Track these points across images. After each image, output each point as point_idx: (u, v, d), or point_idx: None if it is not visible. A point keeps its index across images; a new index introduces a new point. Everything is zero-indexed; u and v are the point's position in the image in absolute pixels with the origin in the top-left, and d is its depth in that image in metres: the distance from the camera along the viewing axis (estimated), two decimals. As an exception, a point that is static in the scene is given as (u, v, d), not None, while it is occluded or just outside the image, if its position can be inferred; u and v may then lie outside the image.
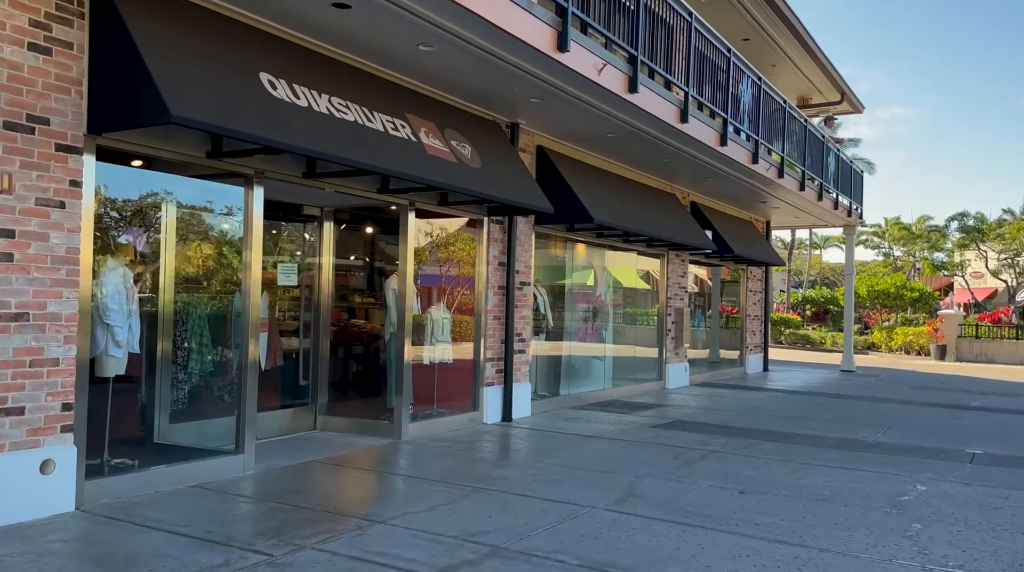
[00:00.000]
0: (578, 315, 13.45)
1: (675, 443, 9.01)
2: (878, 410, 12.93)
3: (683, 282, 15.91)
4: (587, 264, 13.75)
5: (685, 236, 14.08)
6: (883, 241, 65.97)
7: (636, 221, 12.31)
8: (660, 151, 11.79)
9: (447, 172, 7.86)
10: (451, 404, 9.77)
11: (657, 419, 10.91)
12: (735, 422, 10.91)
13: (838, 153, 19.06)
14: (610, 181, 12.41)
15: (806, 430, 10.37)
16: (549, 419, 10.52)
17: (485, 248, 9.90)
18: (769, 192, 15.73)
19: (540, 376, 12.18)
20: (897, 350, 31.04)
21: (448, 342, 9.61)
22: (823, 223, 21.38)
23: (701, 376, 17.15)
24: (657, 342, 15.32)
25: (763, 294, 20.45)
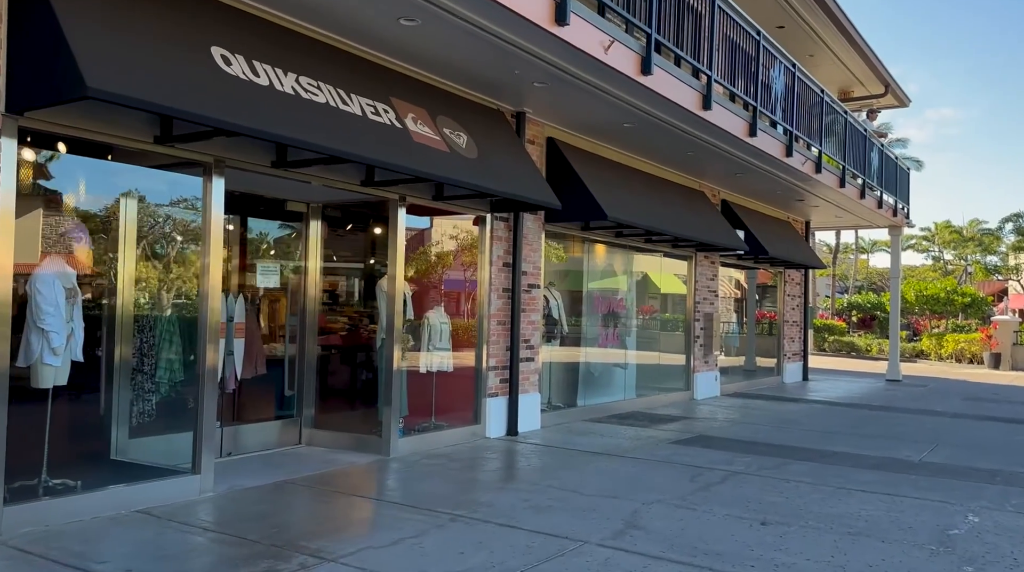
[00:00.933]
0: (597, 321, 12.61)
1: (694, 462, 8.13)
2: (925, 425, 11.86)
3: (713, 285, 14.97)
4: (608, 266, 12.90)
5: (714, 236, 13.16)
6: (932, 245, 63.71)
7: (658, 219, 11.44)
8: (683, 143, 10.91)
9: (435, 161, 7.11)
10: (451, 417, 9.02)
11: (679, 434, 10.02)
12: (765, 438, 9.97)
13: (882, 148, 17.93)
14: (629, 176, 11.56)
15: (843, 448, 9.39)
16: (560, 433, 9.70)
17: (488, 247, 9.13)
18: (806, 189, 14.71)
19: (554, 386, 11.36)
20: (947, 358, 29.52)
21: (448, 349, 8.85)
22: (867, 223, 20.21)
23: (734, 386, 16.15)
24: (684, 350, 14.39)
25: (802, 299, 19.36)
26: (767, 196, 15.71)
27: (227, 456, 7.46)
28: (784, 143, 12.28)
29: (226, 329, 7.41)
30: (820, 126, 13.77)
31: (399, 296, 7.86)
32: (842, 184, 15.08)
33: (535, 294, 9.93)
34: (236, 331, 7.49)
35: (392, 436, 7.77)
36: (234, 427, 7.68)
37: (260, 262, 8.06)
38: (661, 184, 12.64)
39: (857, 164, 16.24)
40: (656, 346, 14.50)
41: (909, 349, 31.47)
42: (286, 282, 8.41)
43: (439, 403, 8.94)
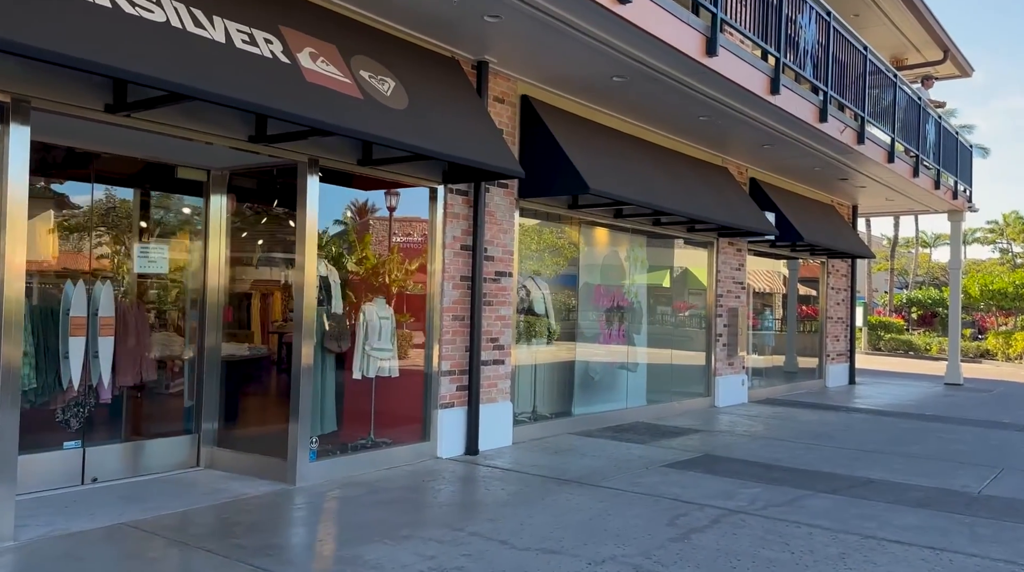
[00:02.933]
0: (598, 316, 10.90)
1: (684, 495, 6.40)
2: (988, 440, 9.87)
3: (739, 276, 13.11)
4: (613, 253, 11.17)
5: (736, 218, 11.33)
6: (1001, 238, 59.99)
7: (662, 196, 9.67)
8: (690, 104, 9.14)
9: (337, 109, 5.53)
10: (396, 432, 7.45)
11: (681, 452, 8.28)
12: (787, 459, 8.17)
13: (939, 120, 15.77)
14: (628, 146, 9.82)
15: (882, 473, 7.55)
16: (534, 451, 8.05)
17: (440, 226, 7.52)
18: (847, 163, 12.75)
19: (540, 392, 9.71)
20: (1016, 359, 26.93)
21: (390, 350, 7.27)
22: (922, 208, 18.01)
23: (767, 391, 14.25)
24: (705, 350, 12.58)
25: (848, 292, 17.30)
26: (804, 174, 13.77)
27: (91, 483, 6.01)
28: (817, 106, 10.39)
29: (87, 325, 5.96)
30: (863, 88, 11.80)
31: (310, 285, 6.30)
32: (891, 159, 13.06)
33: (506, 284, 8.29)
34: (102, 328, 6.03)
35: (299, 460, 6.22)
36: (106, 446, 6.22)
37: (140, 244, 6.58)
38: (671, 157, 10.86)
39: (909, 137, 14.17)
40: (673, 345, 12.72)
41: (973, 349, 28.92)
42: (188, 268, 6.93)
43: (380, 416, 7.37)
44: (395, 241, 7.66)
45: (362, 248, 7.42)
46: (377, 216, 7.58)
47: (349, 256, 7.34)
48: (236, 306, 7.17)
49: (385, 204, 7.63)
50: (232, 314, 7.02)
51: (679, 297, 13.09)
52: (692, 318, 12.86)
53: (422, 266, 7.56)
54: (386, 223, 7.64)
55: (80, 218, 6.34)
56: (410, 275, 7.64)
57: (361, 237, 7.46)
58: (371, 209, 7.54)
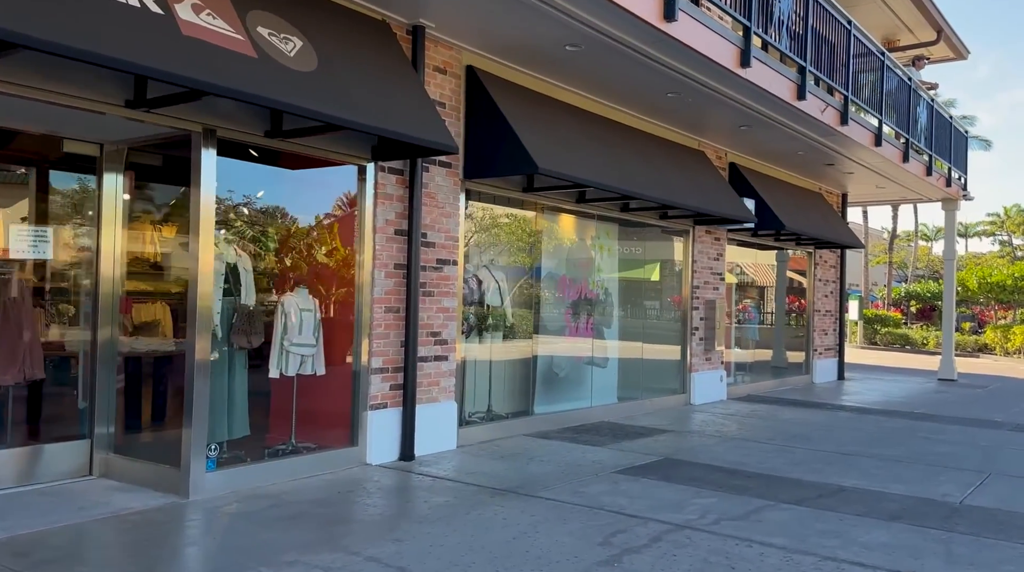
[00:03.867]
0: (565, 308, 10.22)
1: (630, 507, 5.72)
2: (977, 441, 9.18)
3: (718, 267, 12.42)
4: (580, 241, 10.48)
5: (712, 204, 10.63)
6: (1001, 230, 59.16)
7: (629, 179, 8.97)
8: (653, 76, 8.43)
9: (220, 67, 4.82)
10: (321, 436, 6.77)
11: (640, 455, 7.60)
12: (754, 463, 7.48)
13: (932, 102, 15.04)
14: (591, 125, 9.11)
15: (857, 479, 6.86)
16: (478, 456, 7.37)
17: (370, 208, 6.83)
18: (832, 147, 12.03)
19: (496, 390, 9.04)
20: (1015, 353, 26.23)
21: (313, 345, 6.59)
22: (915, 196, 17.29)
23: (748, 387, 13.57)
24: (680, 344, 11.89)
25: (837, 284, 16.60)
26: (787, 159, 13.06)
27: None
28: (794, 82, 9.68)
29: (-50, 316, 5.27)
30: (846, 65, 11.08)
31: (205, 273, 5.60)
32: (878, 142, 12.34)
33: (450, 273, 7.59)
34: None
35: (193, 469, 5.53)
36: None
37: (18, 226, 5.88)
38: (641, 139, 10.15)
39: (899, 120, 13.46)
40: (647, 339, 12.03)
41: (971, 343, 28.22)
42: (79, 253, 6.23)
43: (303, 419, 6.69)
44: (321, 225, 6.96)
45: (282, 233, 6.73)
46: (300, 197, 6.88)
47: (266, 242, 6.64)
48: (144, 296, 6.47)
49: (309, 184, 6.93)
50: (130, 305, 6.32)
51: (654, 288, 12.40)
52: (667, 310, 12.17)
53: (351, 253, 6.87)
54: (311, 205, 6.94)
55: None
56: (337, 263, 6.95)
57: (280, 221, 6.76)
58: (293, 189, 6.83)
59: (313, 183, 6.92)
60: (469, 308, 8.33)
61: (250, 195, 6.50)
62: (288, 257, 6.73)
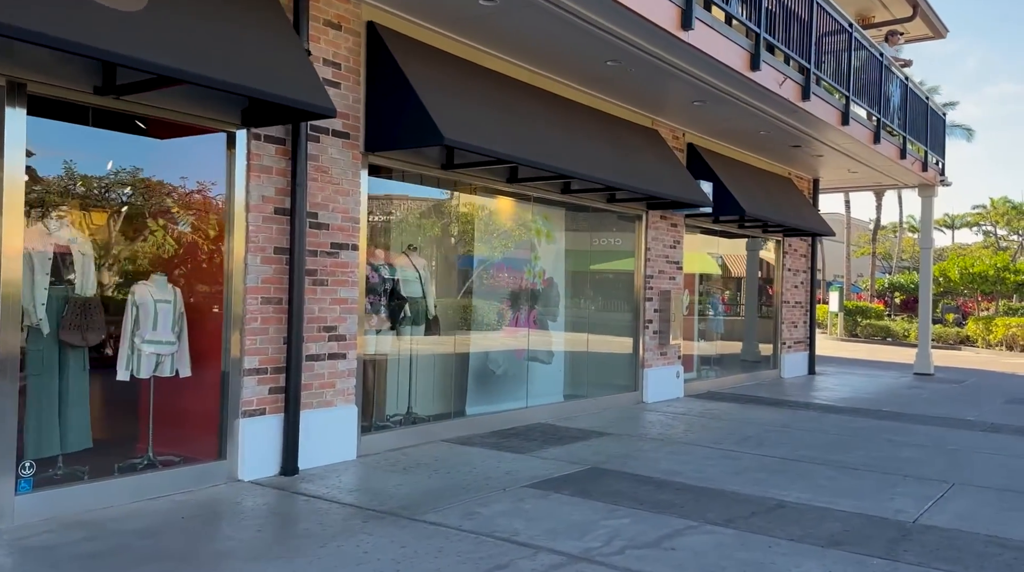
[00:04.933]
0: (502, 299, 9.36)
1: (524, 532, 4.87)
2: (945, 444, 8.38)
3: (675, 255, 11.57)
4: (520, 226, 9.60)
5: (661, 186, 9.78)
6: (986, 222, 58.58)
7: (564, 157, 8.09)
8: (587, 41, 7.55)
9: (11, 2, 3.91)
10: (186, 448, 5.89)
11: (564, 464, 6.75)
12: (690, 472, 6.64)
13: (906, 81, 14.21)
14: (522, 97, 8.22)
15: (801, 492, 6.03)
16: (377, 468, 6.50)
17: (241, 182, 5.92)
18: (796, 126, 11.19)
19: (422, 391, 8.19)
20: (996, 346, 25.56)
21: (173, 342, 5.70)
22: (891, 181, 16.47)
23: (712, 382, 12.75)
24: (632, 338, 11.05)
25: (808, 274, 15.80)
26: (750, 140, 12.21)
27: None
28: (747, 50, 8.82)
29: None
30: (808, 35, 10.23)
31: (11, 255, 4.69)
32: (845, 121, 11.50)
33: (348, 259, 6.70)
34: None
35: (1, 493, 4.64)
36: None
37: None
38: (584, 114, 9.28)
39: (870, 98, 12.63)
40: (598, 332, 11.19)
41: (953, 335, 27.55)
42: None
43: (167, 428, 5.80)
44: (186, 202, 6.05)
45: (135, 211, 5.81)
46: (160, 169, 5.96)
47: (115, 221, 5.73)
48: None
49: (172, 154, 6.02)
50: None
51: (605, 277, 11.56)
52: (619, 301, 11.32)
53: (220, 235, 5.97)
54: (174, 179, 6.02)
55: None
56: (204, 246, 6.05)
57: (134, 196, 5.84)
58: (152, 160, 5.92)
59: (176, 153, 6.00)
60: (381, 299, 7.45)
61: (93, 166, 5.59)
62: (143, 239, 5.82)
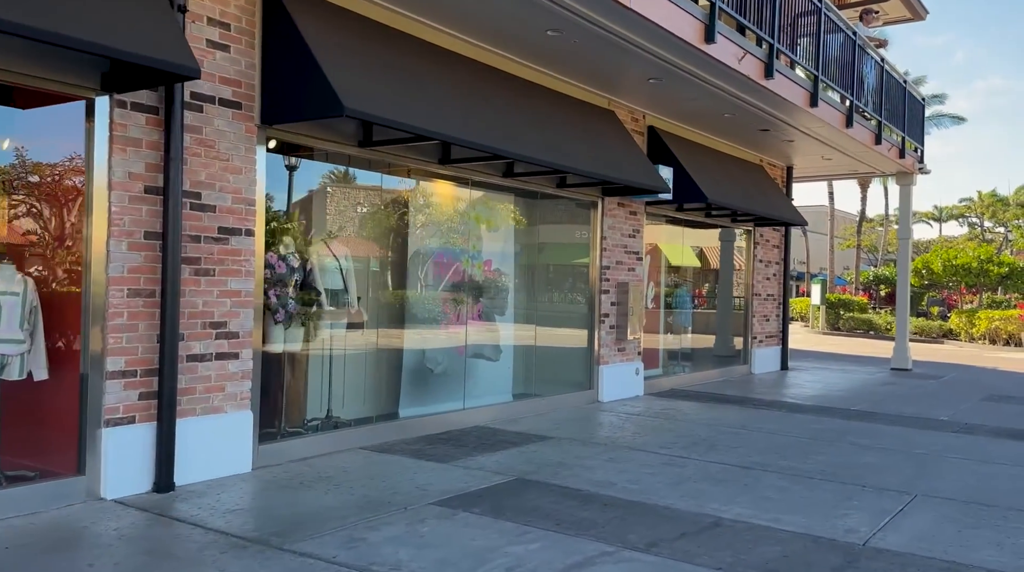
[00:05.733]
0: (442, 292, 8.65)
1: (410, 563, 4.16)
2: (913, 447, 7.72)
3: (634, 245, 10.87)
4: (462, 212, 8.88)
5: (616, 170, 9.08)
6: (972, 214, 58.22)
7: (499, 135, 7.37)
8: (523, 6, 6.83)
9: None
10: (42, 461, 5.15)
11: (487, 475, 6.05)
12: (625, 484, 5.94)
13: (881, 63, 13.53)
14: (456, 69, 7.49)
15: (744, 507, 5.34)
16: (270, 482, 5.78)
17: (102, 155, 5.15)
18: (760, 107, 10.49)
19: (346, 392, 7.49)
20: (979, 339, 25.01)
21: (22, 341, 4.96)
22: (867, 169, 15.81)
23: (678, 379, 12.09)
24: (587, 333, 10.35)
25: (781, 266, 15.14)
26: (716, 124, 11.51)
27: None
28: (701, 20, 8.11)
29: None
30: (772, 7, 9.53)
31: None
32: (813, 102, 10.82)
33: (240, 246, 5.96)
34: None
35: None
36: None
37: None
38: (530, 92, 8.57)
39: (842, 80, 11.95)
40: (552, 327, 10.50)
41: (936, 328, 27.02)
42: None
43: (12, 439, 5.06)
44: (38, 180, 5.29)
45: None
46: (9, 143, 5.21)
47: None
48: None
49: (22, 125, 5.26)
50: None
51: (560, 268, 10.86)
52: (575, 294, 10.63)
53: (80, 218, 5.22)
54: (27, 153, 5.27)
55: None
56: (59, 230, 5.30)
57: None
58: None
59: (31, 125, 5.25)
60: (288, 290, 6.72)
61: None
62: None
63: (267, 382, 6.52)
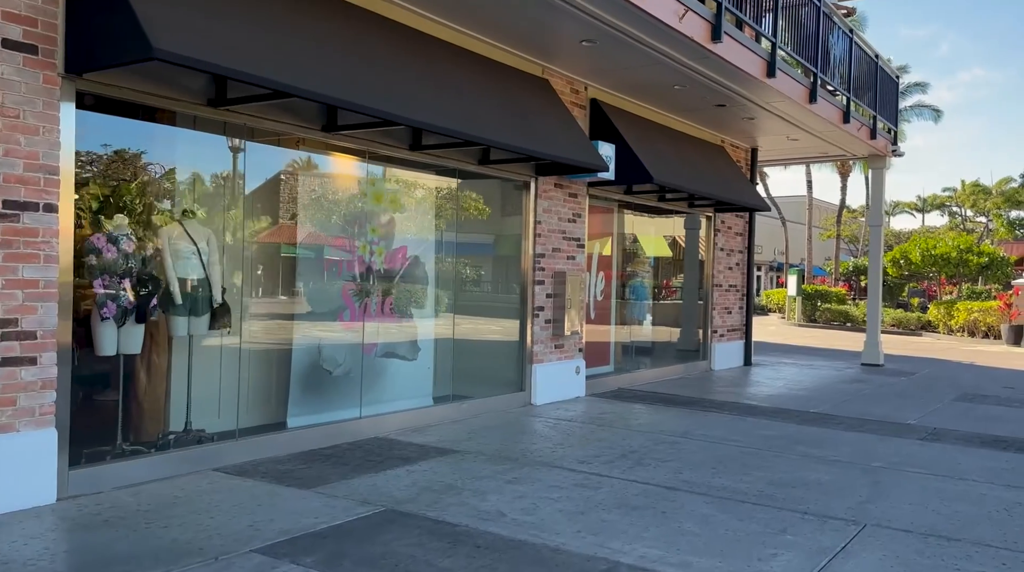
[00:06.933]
0: (342, 283, 7.54)
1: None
2: (872, 459, 6.68)
3: (574, 230, 9.79)
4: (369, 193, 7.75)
5: (543, 144, 8.00)
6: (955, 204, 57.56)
7: (380, 96, 6.25)
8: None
9: None
10: None
11: (349, 506, 4.96)
12: (516, 513, 4.87)
13: (850, 34, 12.49)
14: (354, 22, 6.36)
15: (651, 545, 4.28)
16: (64, 520, 4.67)
17: None
18: (710, 76, 9.40)
19: (217, 401, 6.36)
20: (958, 331, 24.14)
21: None
22: (838, 151, 14.74)
23: (629, 378, 11.06)
24: (519, 328, 9.27)
25: (744, 255, 14.11)
26: (667, 97, 10.42)
27: None
28: (630, -33, 7.02)
29: None
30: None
31: None
32: (771, 72, 9.75)
33: (38, 224, 4.82)
34: None
35: None
36: None
37: None
38: (440, 52, 7.45)
39: (806, 51, 10.90)
40: (482, 322, 9.43)
41: (914, 320, 26.16)
42: None
43: None
44: None
45: None
46: None
47: None
48: None
49: None
50: None
51: (491, 256, 9.77)
52: (508, 285, 9.54)
53: None
54: None
55: None
56: None
57: None
58: None
59: None
60: (120, 280, 5.58)
61: None
62: None
63: (91, 392, 5.40)
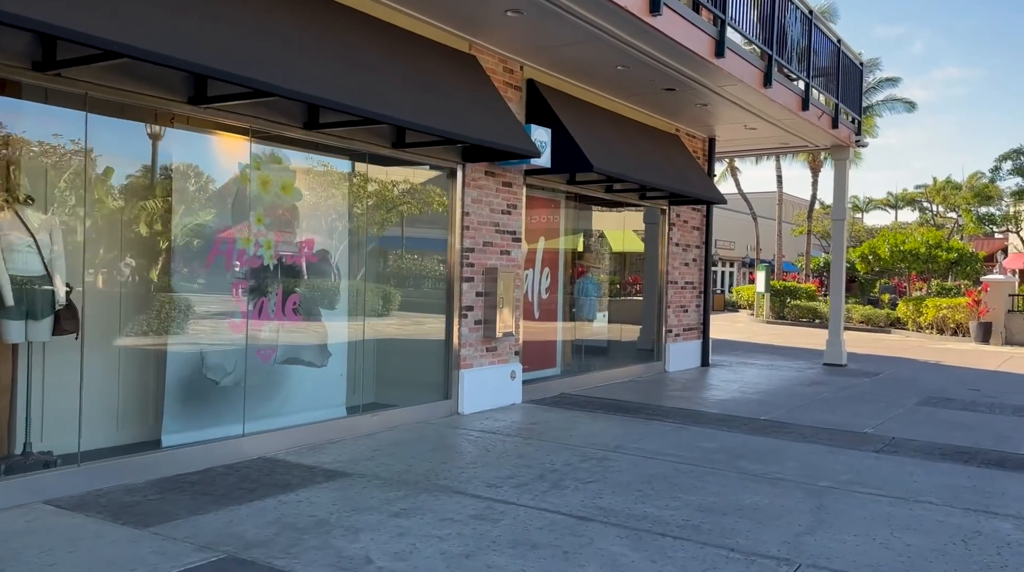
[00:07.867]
0: (229, 277, 6.69)
1: None
2: (818, 476, 5.96)
3: (509, 223, 9.02)
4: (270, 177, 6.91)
5: (462, 125, 7.22)
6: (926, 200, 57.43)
7: (257, 67, 5.42)
8: None
9: None
10: None
11: (183, 553, 4.16)
12: (389, 565, 4.09)
13: (809, 15, 11.80)
14: None
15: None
16: None
17: None
18: (654, 55, 8.66)
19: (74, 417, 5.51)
20: (927, 328, 23.66)
21: None
22: (799, 141, 14.09)
23: (574, 381, 10.31)
24: (445, 330, 8.48)
25: (702, 250, 13.41)
26: (612, 80, 9.67)
27: None
28: (548, -76, 6.25)
29: None
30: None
31: None
32: (719, 52, 9.03)
33: None
34: None
35: None
36: None
37: None
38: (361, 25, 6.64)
39: (762, 33, 10.19)
40: (405, 321, 8.64)
41: (883, 317, 25.68)
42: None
43: None
44: None
45: None
46: None
47: None
48: None
49: None
50: None
51: (415, 251, 8.97)
52: (434, 282, 8.75)
53: None
54: None
55: None
56: None
57: None
58: None
59: None
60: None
61: None
62: None
63: None
